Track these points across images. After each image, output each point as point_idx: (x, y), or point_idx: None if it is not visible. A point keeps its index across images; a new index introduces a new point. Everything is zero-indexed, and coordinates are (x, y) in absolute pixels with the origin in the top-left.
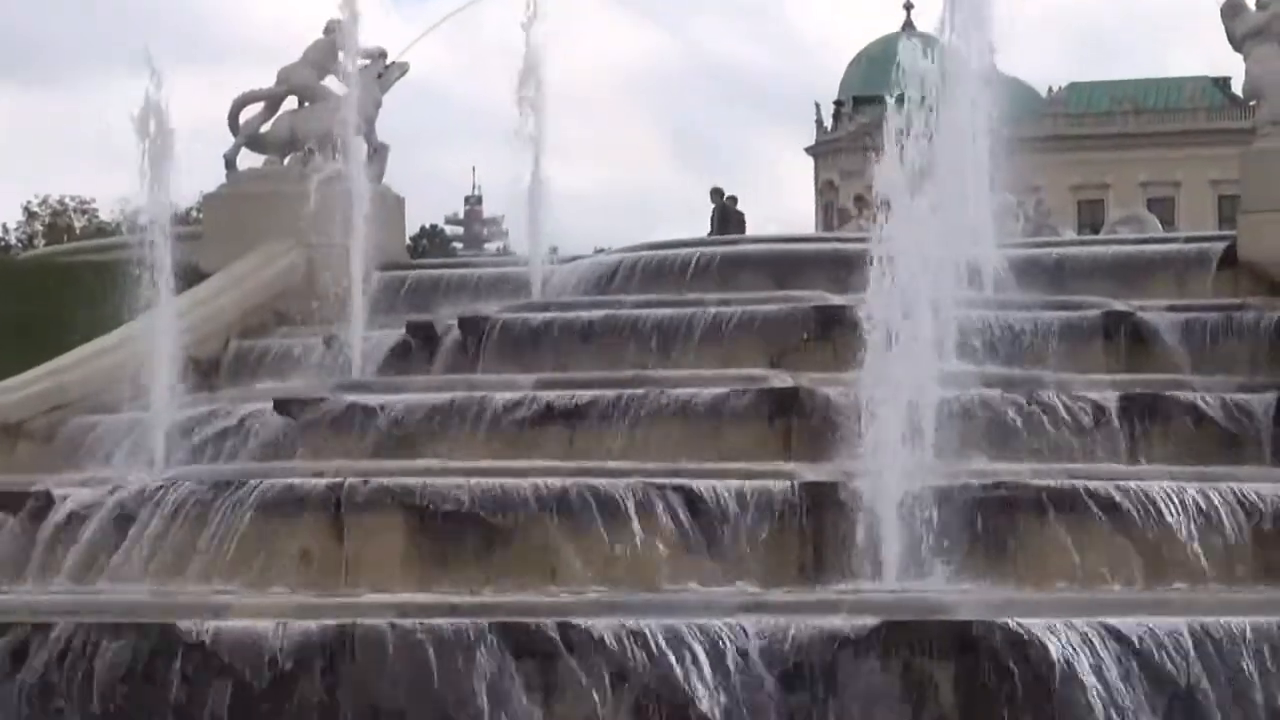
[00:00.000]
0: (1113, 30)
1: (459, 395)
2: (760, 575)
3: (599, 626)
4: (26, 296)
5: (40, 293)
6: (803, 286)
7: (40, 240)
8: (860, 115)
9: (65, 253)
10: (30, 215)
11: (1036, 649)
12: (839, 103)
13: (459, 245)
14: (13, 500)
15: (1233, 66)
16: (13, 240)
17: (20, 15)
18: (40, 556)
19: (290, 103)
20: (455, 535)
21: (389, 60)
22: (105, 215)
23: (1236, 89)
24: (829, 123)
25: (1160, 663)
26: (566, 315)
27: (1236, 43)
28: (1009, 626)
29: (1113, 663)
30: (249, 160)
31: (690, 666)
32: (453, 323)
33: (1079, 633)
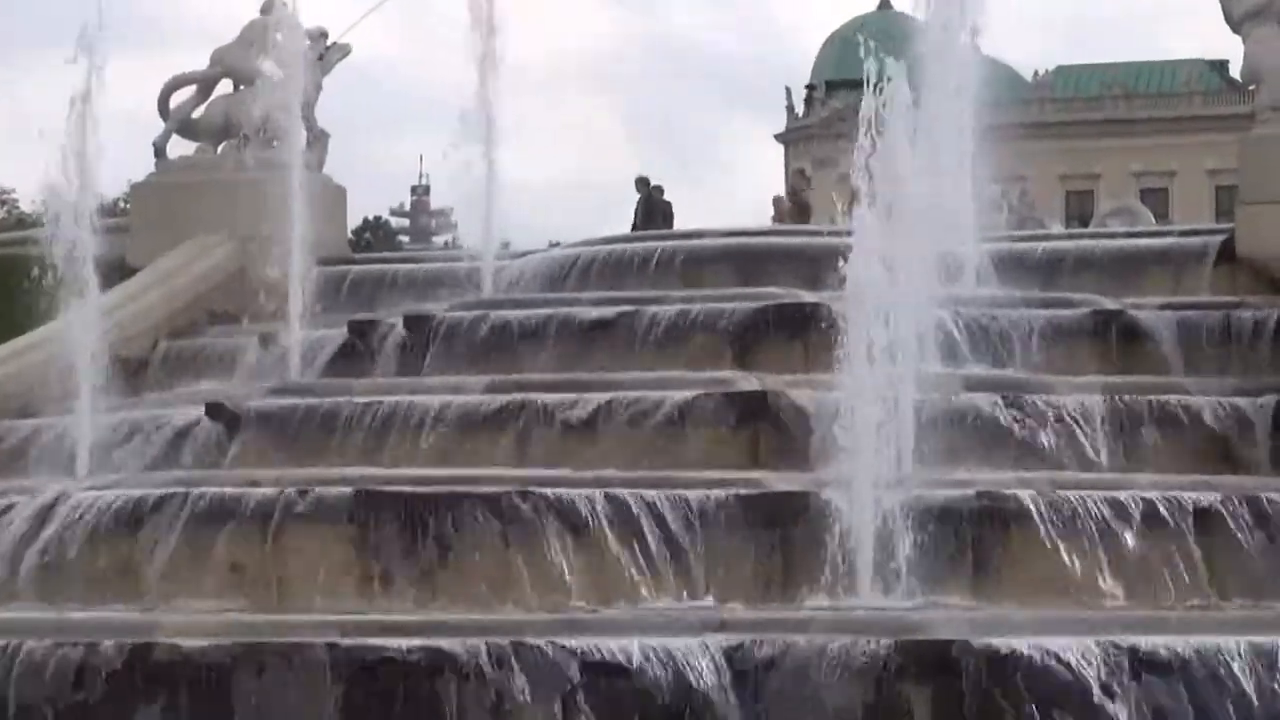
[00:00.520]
0: (1102, 10)
1: (404, 399)
2: (726, 590)
3: (553, 646)
4: None
5: None
6: (771, 283)
7: None
8: (833, 100)
9: None
10: None
11: (1021, 671)
12: (811, 87)
13: (405, 238)
14: None
15: (1230, 49)
16: None
17: None
18: None
19: (225, 86)
20: (400, 548)
21: (330, 41)
22: (26, 206)
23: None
24: (801, 108)
25: (1157, 685)
26: (519, 314)
27: (1234, 23)
28: (991, 647)
29: (1105, 684)
30: (180, 148)
31: (651, 687)
32: (397, 321)
33: (1064, 652)
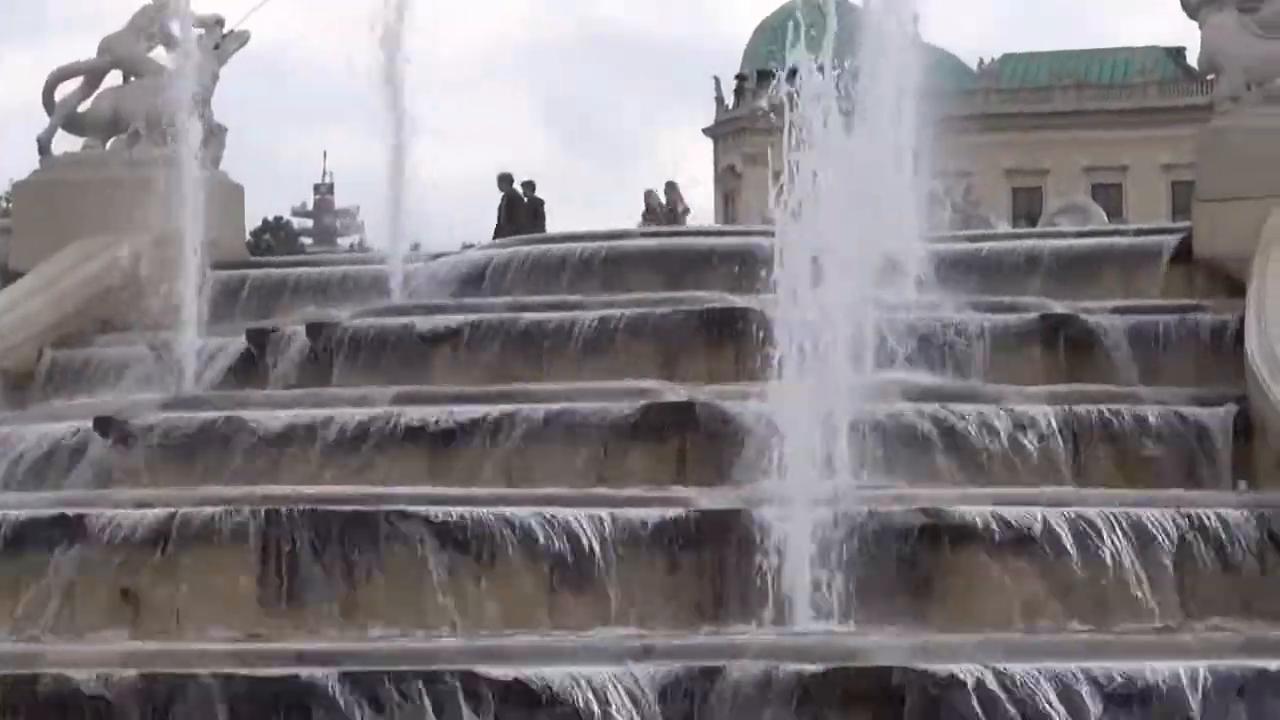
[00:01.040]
0: None
1: (306, 412)
2: (652, 616)
3: (467, 675)
4: None
5: None
6: (699, 286)
7: None
8: (765, 91)
9: None
10: None
11: (964, 699)
12: (741, 77)
13: (308, 240)
14: None
15: (1188, 35)
16: None
17: None
18: None
19: (114, 77)
20: (304, 572)
21: (227, 29)
22: None
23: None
24: (730, 100)
25: (1108, 713)
26: (430, 320)
27: (1191, 9)
28: (933, 673)
29: (1052, 713)
30: (66, 143)
31: (570, 718)
32: (299, 329)
33: (1012, 679)
